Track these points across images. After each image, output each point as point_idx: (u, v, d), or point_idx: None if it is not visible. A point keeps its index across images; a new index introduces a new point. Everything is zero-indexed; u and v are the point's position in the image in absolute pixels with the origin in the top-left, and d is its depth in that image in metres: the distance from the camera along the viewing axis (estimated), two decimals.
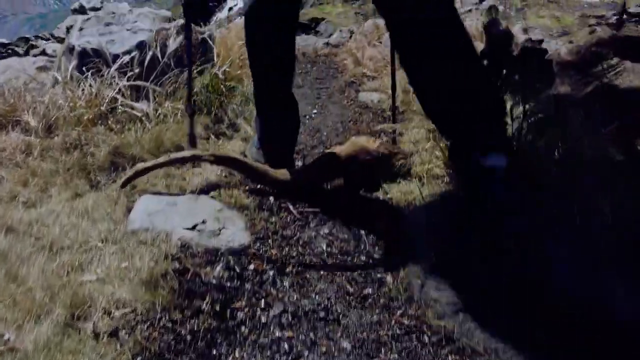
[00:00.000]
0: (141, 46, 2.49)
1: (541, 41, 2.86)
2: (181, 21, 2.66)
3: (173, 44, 2.46)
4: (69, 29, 4.57)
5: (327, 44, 4.26)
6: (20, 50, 5.07)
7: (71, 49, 2.47)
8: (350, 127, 2.67)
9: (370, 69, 3.51)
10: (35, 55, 3.85)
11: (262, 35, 1.94)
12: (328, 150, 1.94)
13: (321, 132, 2.62)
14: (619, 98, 1.62)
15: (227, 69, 2.64)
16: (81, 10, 4.31)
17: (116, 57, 2.41)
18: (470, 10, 4.00)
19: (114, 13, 3.02)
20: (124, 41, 2.50)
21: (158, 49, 2.46)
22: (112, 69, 2.32)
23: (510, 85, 1.92)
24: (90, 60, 2.39)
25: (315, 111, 2.95)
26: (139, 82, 2.30)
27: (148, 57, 2.41)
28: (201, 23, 2.96)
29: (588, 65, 1.75)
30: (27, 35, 5.74)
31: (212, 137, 2.33)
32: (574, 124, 1.66)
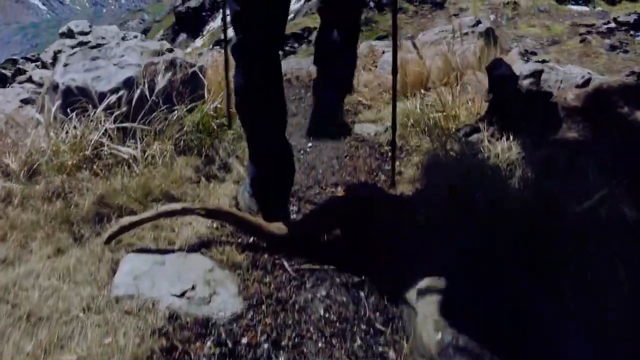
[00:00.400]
0: (129, 83, 2.39)
1: (541, 72, 2.79)
2: (171, 55, 2.57)
3: (162, 80, 2.37)
4: (56, 54, 4.47)
5: None
6: (7, 73, 4.97)
7: (55, 87, 2.37)
8: (347, 163, 2.58)
9: (366, 97, 3.42)
10: (21, 82, 3.75)
11: (251, 76, 1.83)
12: (324, 201, 1.85)
13: (316, 170, 2.52)
14: (631, 150, 1.54)
15: (219, 105, 2.55)
16: (69, 34, 4.20)
17: (102, 95, 2.31)
18: (466, 34, 3.92)
19: (100, 45, 2.93)
20: (111, 77, 2.40)
21: (146, 86, 2.36)
22: (99, 109, 2.22)
23: (514, 129, 1.85)
24: (75, 99, 2.29)
25: (310, 144, 2.86)
26: (126, 124, 2.20)
27: (136, 96, 2.31)
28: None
29: (597, 113, 1.68)
30: (15, 57, 5.63)
31: (203, 179, 2.24)
32: (585, 174, 1.58)
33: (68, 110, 2.23)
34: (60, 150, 2.07)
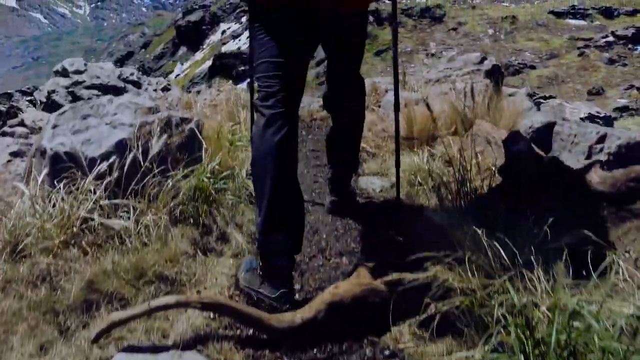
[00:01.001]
0: (121, 146, 2.26)
1: (553, 124, 2.66)
2: (166, 113, 2.44)
3: (156, 144, 2.24)
4: (50, 94, 4.36)
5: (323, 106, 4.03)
6: (2, 108, 4.85)
7: (43, 152, 2.24)
8: (352, 226, 2.44)
9: (370, 143, 3.30)
10: (12, 126, 3.63)
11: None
12: (329, 291, 1.70)
13: (320, 234, 2.38)
14: None
15: (217, 166, 2.42)
16: (64, 73, 4.09)
17: (93, 161, 2.18)
18: (472, 72, 3.80)
19: (94, 86, 2.81)
20: (102, 140, 2.28)
21: (140, 150, 2.23)
22: (88, 179, 2.09)
23: (533, 208, 1.71)
24: (63, 167, 2.16)
25: (312, 203, 2.72)
26: (117, 201, 2.06)
27: (128, 161, 2.18)
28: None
29: (625, 201, 1.55)
30: (9, 91, 5.52)
31: (200, 253, 2.10)
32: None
33: (55, 182, 2.10)
34: (46, 228, 1.93)
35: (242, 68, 35.53)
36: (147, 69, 64.55)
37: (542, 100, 4.30)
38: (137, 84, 4.16)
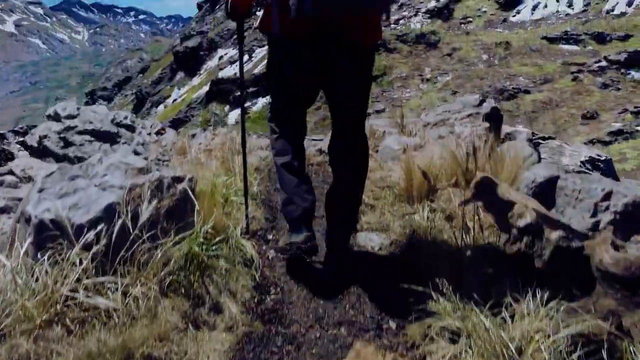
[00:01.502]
0: (110, 211, 2.17)
1: (557, 178, 2.59)
2: (157, 174, 2.36)
3: (146, 210, 2.15)
4: (41, 139, 4.29)
5: (320, 150, 3.98)
6: None
7: (28, 219, 2.14)
8: (350, 290, 2.34)
9: (367, 193, 3.21)
10: (1, 175, 3.54)
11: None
12: None
13: (316, 300, 2.28)
14: None
15: (210, 229, 2.33)
16: (56, 117, 4.02)
17: (80, 229, 2.09)
18: (470, 115, 3.75)
19: (86, 131, 2.74)
20: (90, 205, 2.18)
21: (129, 216, 2.14)
22: (74, 250, 1.99)
23: (541, 287, 1.63)
24: (49, 235, 2.07)
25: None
26: (103, 278, 1.96)
27: (117, 228, 2.09)
28: None
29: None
30: (2, 131, 5.45)
31: (191, 327, 1.99)
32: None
33: (39, 254, 2.00)
34: (27, 307, 1.83)
35: (239, 93, 35.78)
36: (144, 93, 64.92)
37: (541, 141, 4.25)
38: (131, 128, 4.09)
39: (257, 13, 2.61)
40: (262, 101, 33.57)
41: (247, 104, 35.23)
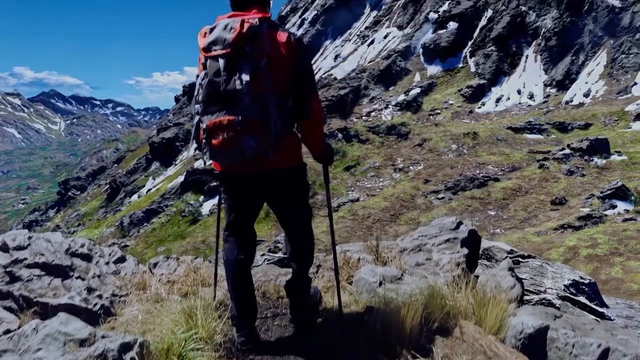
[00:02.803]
0: None
1: (547, 329, 2.38)
2: (101, 347, 2.06)
3: None
4: None
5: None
6: None
7: None
8: None
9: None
10: None
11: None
12: None
13: None
14: None
15: None
16: (3, 247, 3.71)
17: None
18: (447, 240, 3.56)
19: (36, 264, 2.42)
20: None
21: None
22: None
23: None
24: None
25: None
26: None
27: None
28: None
29: None
30: None
31: None
32: None
33: None
34: None
35: (214, 184, 35.70)
36: (118, 183, 64.42)
37: (520, 260, 4.10)
38: (88, 257, 3.79)
39: None
40: None
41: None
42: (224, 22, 2.65)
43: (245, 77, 2.53)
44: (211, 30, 2.70)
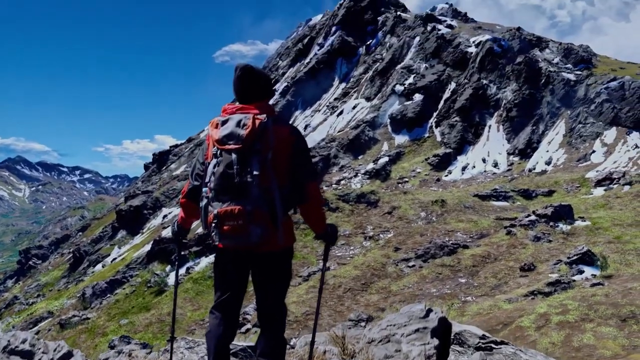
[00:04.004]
0: None
1: None
2: None
3: None
4: None
5: None
6: None
7: None
8: None
9: None
10: None
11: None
12: None
13: None
14: None
15: None
16: None
17: None
18: (417, 330, 3.43)
19: None
20: None
21: None
22: None
23: None
24: None
25: None
26: None
27: None
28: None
29: None
30: None
31: None
32: None
33: None
34: None
35: (184, 252, 34.87)
36: (82, 252, 62.11)
37: (493, 346, 3.97)
38: (30, 354, 3.50)
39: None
40: (206, 261, 32.76)
41: (190, 263, 34.27)
42: (237, 117, 2.92)
43: (256, 172, 2.80)
44: (223, 123, 2.95)
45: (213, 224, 2.89)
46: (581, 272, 24.83)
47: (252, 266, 3.10)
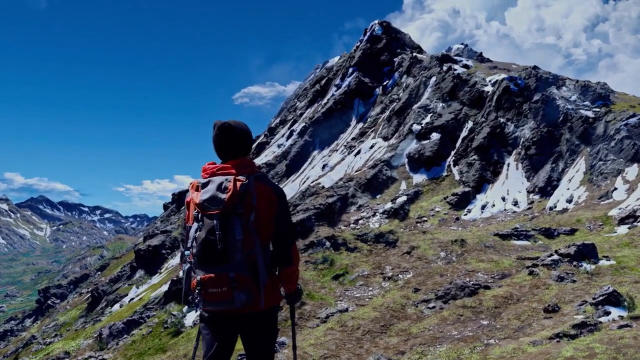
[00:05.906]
0: None
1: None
2: None
3: None
4: None
5: None
6: None
7: None
8: None
9: None
10: None
11: None
12: None
13: None
14: None
15: None
16: None
17: None
18: None
19: None
20: None
21: None
22: None
23: None
24: None
25: None
26: None
27: None
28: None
29: None
30: None
31: None
32: None
33: None
34: None
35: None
36: (100, 292, 62.35)
37: None
38: None
39: None
40: None
41: None
42: (218, 180, 2.90)
43: (238, 237, 2.79)
44: (204, 185, 2.94)
45: (197, 290, 2.97)
46: (607, 313, 24.05)
47: (238, 325, 3.16)
